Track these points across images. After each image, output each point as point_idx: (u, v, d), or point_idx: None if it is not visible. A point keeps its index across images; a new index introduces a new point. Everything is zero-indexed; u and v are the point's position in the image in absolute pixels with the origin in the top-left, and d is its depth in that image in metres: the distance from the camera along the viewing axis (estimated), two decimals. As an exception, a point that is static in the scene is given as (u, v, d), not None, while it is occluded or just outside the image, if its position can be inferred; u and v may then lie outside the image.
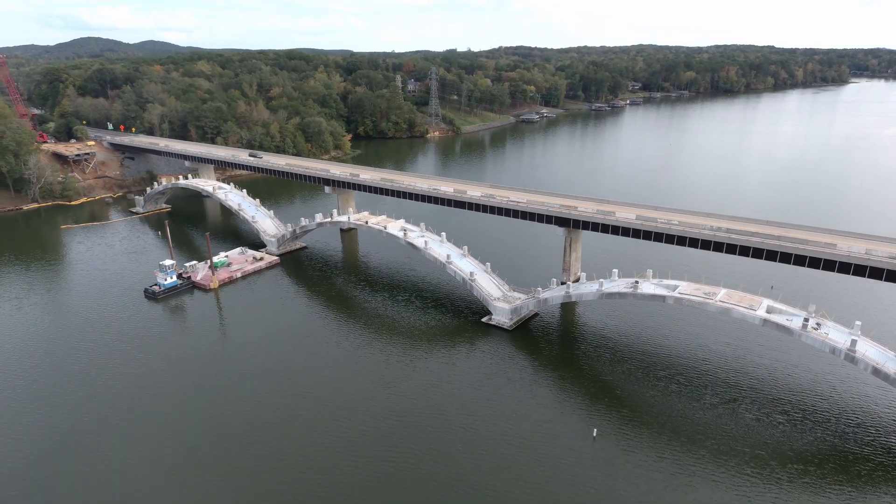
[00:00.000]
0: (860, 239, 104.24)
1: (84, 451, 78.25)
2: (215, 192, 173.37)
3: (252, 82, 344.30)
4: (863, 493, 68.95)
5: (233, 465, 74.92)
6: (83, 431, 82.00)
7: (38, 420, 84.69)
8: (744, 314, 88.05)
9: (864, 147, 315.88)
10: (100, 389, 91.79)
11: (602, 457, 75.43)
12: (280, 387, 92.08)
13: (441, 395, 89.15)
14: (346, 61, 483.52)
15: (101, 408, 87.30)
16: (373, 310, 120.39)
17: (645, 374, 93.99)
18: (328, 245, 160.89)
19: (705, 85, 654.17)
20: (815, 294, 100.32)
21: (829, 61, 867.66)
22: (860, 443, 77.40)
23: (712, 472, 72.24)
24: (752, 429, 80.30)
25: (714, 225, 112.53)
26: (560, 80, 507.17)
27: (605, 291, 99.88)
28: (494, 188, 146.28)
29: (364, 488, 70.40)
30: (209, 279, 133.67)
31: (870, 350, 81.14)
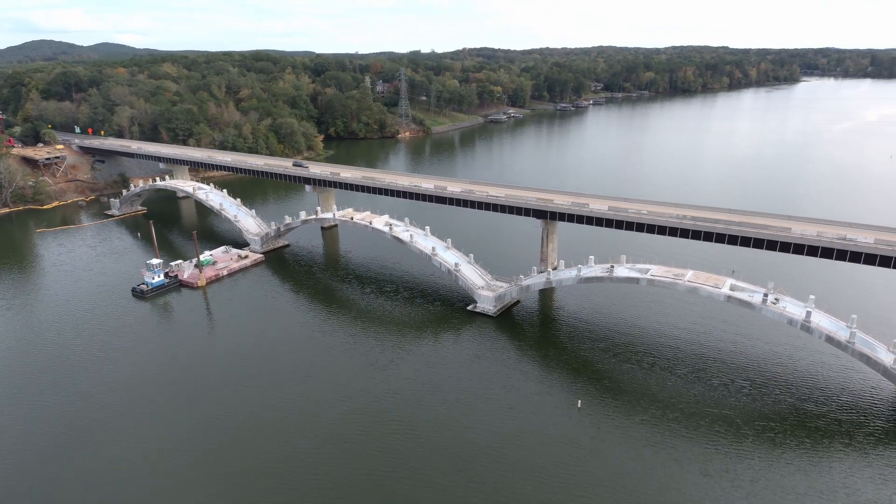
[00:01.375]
0: (812, 223, 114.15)
1: (81, 450, 79.12)
2: (195, 193, 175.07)
3: (221, 84, 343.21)
4: (818, 443, 77.49)
5: (240, 457, 78.25)
6: (80, 429, 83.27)
7: (39, 415, 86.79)
8: (710, 292, 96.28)
9: (816, 142, 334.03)
10: (96, 387, 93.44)
11: (587, 423, 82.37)
12: (278, 375, 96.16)
13: (434, 374, 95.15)
14: (313, 63, 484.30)
15: (101, 404, 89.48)
16: (361, 302, 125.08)
17: (622, 351, 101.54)
18: (310, 243, 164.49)
19: (664, 85, 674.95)
20: (773, 273, 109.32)
21: (782, 61, 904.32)
22: (815, 402, 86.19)
23: (686, 431, 79.93)
24: (720, 394, 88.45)
25: (680, 214, 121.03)
26: (525, 80, 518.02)
27: (583, 276, 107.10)
28: (473, 184, 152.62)
29: (368, 458, 75.45)
30: (196, 277, 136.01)
31: (823, 320, 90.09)
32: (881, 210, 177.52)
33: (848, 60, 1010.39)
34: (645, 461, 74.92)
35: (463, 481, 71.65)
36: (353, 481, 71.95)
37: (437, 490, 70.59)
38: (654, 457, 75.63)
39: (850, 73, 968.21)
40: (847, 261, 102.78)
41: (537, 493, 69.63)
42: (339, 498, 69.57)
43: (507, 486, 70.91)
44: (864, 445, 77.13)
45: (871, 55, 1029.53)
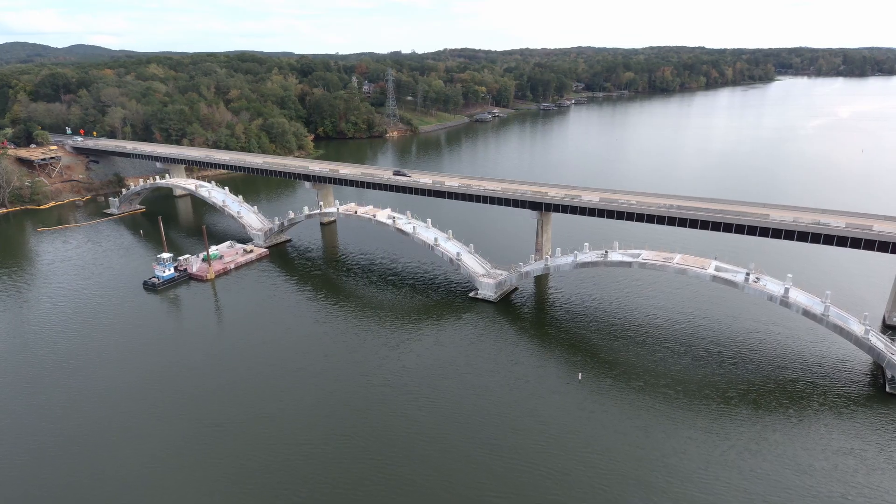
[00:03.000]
0: (788, 210, 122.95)
1: (101, 445, 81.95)
2: (197, 191, 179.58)
3: (210, 85, 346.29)
4: (796, 403, 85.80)
5: (276, 432, 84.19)
6: (105, 414, 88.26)
7: (56, 408, 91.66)
8: (697, 273, 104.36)
9: (791, 138, 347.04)
10: (118, 378, 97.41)
11: (588, 392, 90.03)
12: (296, 357, 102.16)
13: (444, 352, 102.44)
14: (299, 63, 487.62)
15: (125, 396, 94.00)
16: (367, 291, 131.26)
17: (616, 330, 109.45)
18: (311, 238, 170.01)
19: (643, 85, 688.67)
20: (753, 255, 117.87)
21: (756, 60, 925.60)
22: (794, 368, 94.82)
23: (678, 396, 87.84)
24: (707, 363, 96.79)
25: (667, 203, 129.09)
26: (509, 81, 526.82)
27: (579, 262, 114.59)
28: (469, 179, 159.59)
29: (389, 425, 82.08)
30: (205, 271, 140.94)
31: (800, 296, 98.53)
32: (852, 198, 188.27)
33: (821, 59, 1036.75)
34: (642, 421, 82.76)
35: (478, 444, 78.55)
36: (377, 444, 78.44)
37: (452, 450, 77.47)
38: (649, 418, 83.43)
39: (823, 72, 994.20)
40: (821, 243, 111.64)
41: (548, 455, 76.71)
42: (366, 457, 75.98)
43: (519, 447, 77.95)
44: (837, 405, 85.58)
45: (843, 54, 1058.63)
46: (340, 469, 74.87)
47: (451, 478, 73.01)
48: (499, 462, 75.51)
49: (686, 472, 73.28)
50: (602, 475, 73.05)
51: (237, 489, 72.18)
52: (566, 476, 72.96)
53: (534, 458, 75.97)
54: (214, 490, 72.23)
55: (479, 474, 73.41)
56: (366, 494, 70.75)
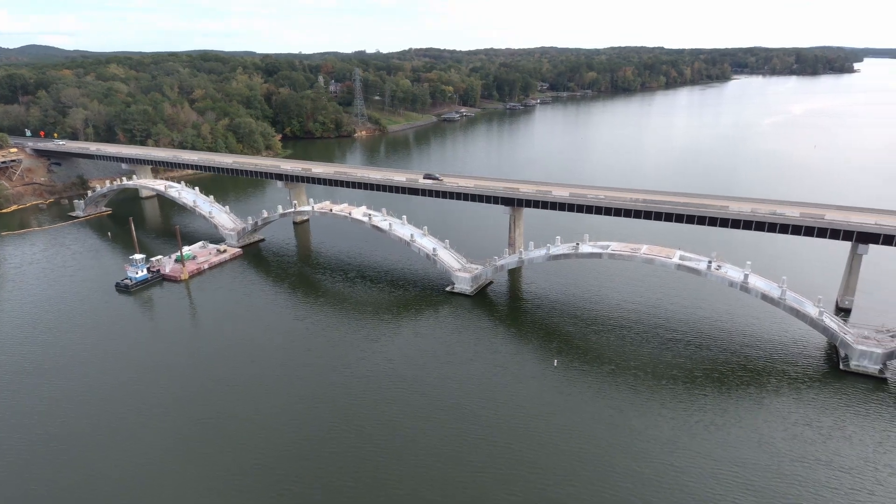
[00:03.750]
0: (746, 202, 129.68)
1: (89, 450, 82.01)
2: (167, 191, 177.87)
3: (173, 85, 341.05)
4: (757, 380, 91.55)
5: (259, 430, 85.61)
6: (86, 422, 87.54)
7: (29, 415, 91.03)
8: (663, 262, 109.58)
9: (748, 134, 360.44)
10: (93, 380, 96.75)
11: (564, 376, 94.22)
12: (278, 352, 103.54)
13: (424, 343, 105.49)
14: (264, 63, 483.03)
15: (101, 398, 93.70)
16: (344, 288, 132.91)
17: (588, 318, 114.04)
18: (284, 237, 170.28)
19: (606, 84, 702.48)
20: (714, 245, 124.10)
21: (714, 60, 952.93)
22: (754, 348, 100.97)
23: (648, 377, 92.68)
24: (675, 345, 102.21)
25: (633, 197, 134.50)
26: (475, 80, 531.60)
27: (552, 254, 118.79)
28: (443, 176, 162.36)
29: (379, 407, 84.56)
30: (179, 271, 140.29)
31: (758, 282, 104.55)
32: (806, 189, 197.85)
33: (775, 59, 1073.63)
34: (615, 401, 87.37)
35: (461, 428, 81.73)
36: (361, 433, 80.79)
37: (437, 434, 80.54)
38: (622, 398, 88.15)
39: (777, 71, 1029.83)
40: (777, 232, 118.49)
41: (528, 434, 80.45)
42: (352, 446, 78.23)
43: (501, 429, 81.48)
44: (795, 381, 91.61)
45: (796, 53, 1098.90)
46: (328, 458, 76.92)
47: (438, 459, 75.88)
48: (482, 443, 78.77)
49: (657, 445, 77.86)
50: (579, 451, 77.05)
51: (226, 484, 73.57)
52: (546, 453, 76.75)
53: (515, 438, 79.48)
54: (203, 486, 73.45)
55: (465, 455, 76.52)
56: (354, 482, 72.99)
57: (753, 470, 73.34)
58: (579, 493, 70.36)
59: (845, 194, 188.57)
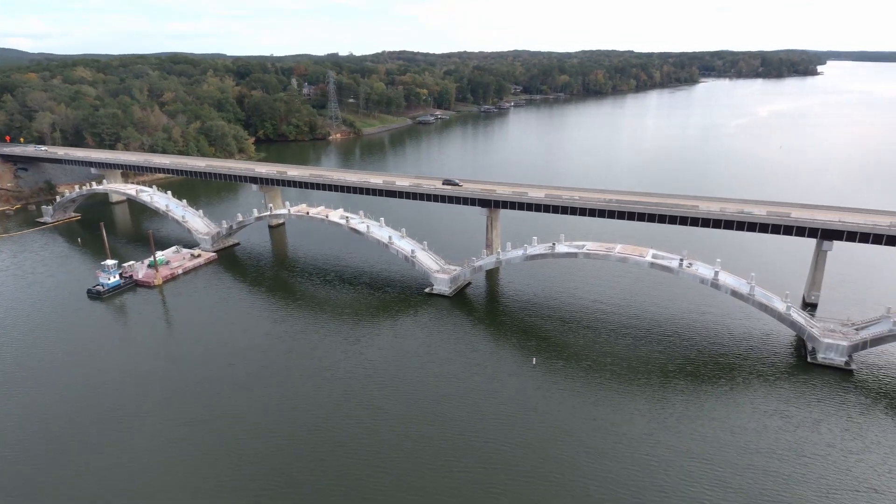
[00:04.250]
0: (715, 201, 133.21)
1: (81, 448, 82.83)
2: (138, 196, 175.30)
3: (142, 87, 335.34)
4: (728, 373, 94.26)
5: (240, 434, 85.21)
6: (62, 430, 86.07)
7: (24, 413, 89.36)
8: (637, 260, 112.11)
9: (716, 136, 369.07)
10: (65, 388, 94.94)
11: (543, 374, 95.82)
12: (257, 357, 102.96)
13: (404, 344, 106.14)
14: (235, 65, 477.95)
15: (79, 407, 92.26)
16: (322, 291, 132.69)
17: (565, 317, 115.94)
18: (259, 241, 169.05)
19: (578, 87, 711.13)
20: (685, 243, 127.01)
21: (682, 63, 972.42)
22: (725, 343, 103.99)
23: (624, 372, 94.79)
24: (649, 341, 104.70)
25: (607, 198, 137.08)
26: (450, 83, 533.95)
27: (529, 254, 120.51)
28: (420, 178, 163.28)
29: (358, 411, 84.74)
30: (152, 277, 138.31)
31: (728, 279, 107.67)
32: (772, 188, 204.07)
33: (741, 62, 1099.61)
34: (592, 396, 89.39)
35: (442, 426, 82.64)
36: (344, 434, 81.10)
37: (419, 433, 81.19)
38: (599, 393, 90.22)
39: (744, 74, 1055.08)
40: (745, 230, 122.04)
41: (509, 430, 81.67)
42: (334, 447, 78.50)
43: (481, 426, 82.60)
44: (764, 374, 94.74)
45: (762, 57, 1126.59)
46: (310, 460, 77.01)
47: (419, 457, 76.59)
48: (463, 440, 79.80)
49: (634, 438, 79.89)
50: (558, 445, 78.64)
51: (205, 486, 73.14)
52: (526, 448, 78.11)
53: (495, 434, 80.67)
54: (184, 488, 72.89)
55: (446, 452, 77.45)
56: (336, 483, 73.22)
57: (726, 459, 75.70)
58: (559, 487, 71.74)
59: (810, 193, 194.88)
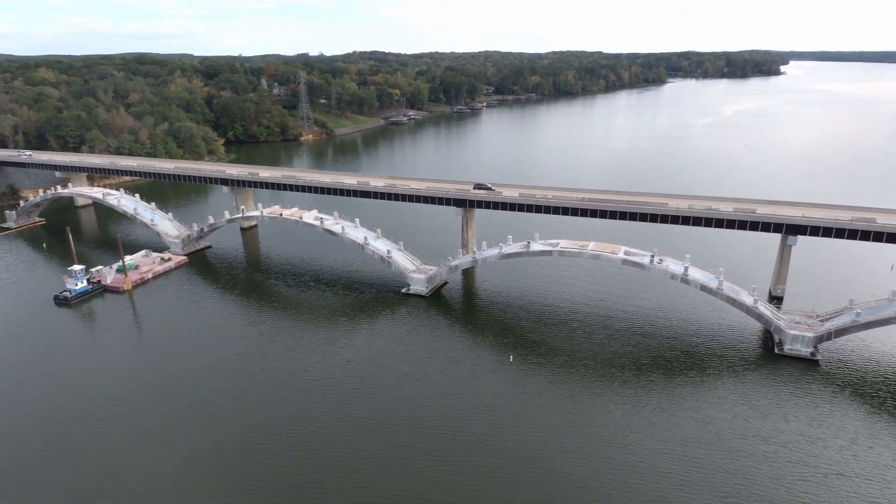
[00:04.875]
0: (684, 199, 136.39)
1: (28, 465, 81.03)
2: (105, 199, 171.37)
3: (107, 89, 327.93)
4: (699, 365, 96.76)
5: (217, 444, 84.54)
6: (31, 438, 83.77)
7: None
8: (609, 257, 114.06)
9: (683, 135, 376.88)
10: (32, 398, 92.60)
11: (520, 371, 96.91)
12: (232, 360, 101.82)
13: (382, 343, 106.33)
14: (203, 65, 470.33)
15: (48, 419, 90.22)
16: (298, 293, 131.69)
17: (540, 314, 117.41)
18: (231, 243, 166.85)
19: (549, 88, 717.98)
20: (656, 240, 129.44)
21: (650, 64, 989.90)
22: (696, 335, 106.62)
23: (599, 367, 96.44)
24: (622, 337, 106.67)
25: (579, 196, 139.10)
26: (422, 84, 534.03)
27: (504, 253, 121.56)
28: (395, 179, 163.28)
29: (338, 410, 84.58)
30: (121, 282, 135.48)
31: (697, 274, 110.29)
32: (738, 185, 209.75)
33: (707, 63, 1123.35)
34: (569, 390, 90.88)
35: (422, 422, 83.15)
36: (322, 435, 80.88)
37: (399, 430, 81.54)
38: (575, 387, 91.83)
39: (709, 74, 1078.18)
40: (713, 226, 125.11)
41: (488, 425, 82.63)
42: (312, 447, 78.20)
43: (460, 421, 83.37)
44: (733, 365, 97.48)
45: (727, 57, 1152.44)
46: (290, 461, 76.53)
47: (400, 455, 76.78)
48: (443, 436, 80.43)
49: (610, 429, 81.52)
50: (537, 439, 79.72)
51: (182, 491, 72.14)
52: (505, 442, 79.08)
53: (474, 429, 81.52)
54: (159, 493, 71.75)
55: (425, 449, 77.89)
56: (317, 484, 72.95)
57: (698, 447, 77.79)
58: (539, 478, 72.75)
59: (774, 189, 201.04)
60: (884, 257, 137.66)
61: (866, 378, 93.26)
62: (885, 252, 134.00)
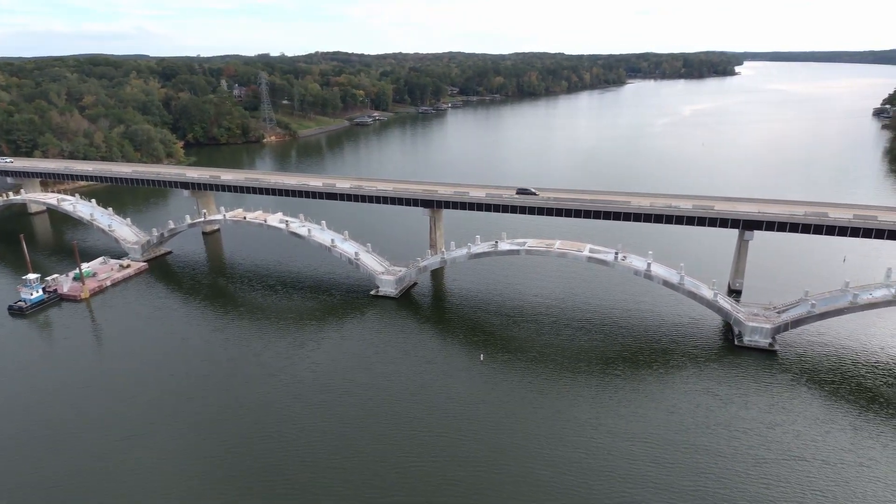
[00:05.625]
0: (645, 197, 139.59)
1: None
2: (60, 205, 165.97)
3: (60, 91, 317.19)
4: (663, 357, 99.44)
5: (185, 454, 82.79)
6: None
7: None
8: (575, 255, 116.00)
9: (643, 134, 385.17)
10: (2, 407, 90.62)
11: (491, 369, 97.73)
12: (198, 367, 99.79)
13: (352, 345, 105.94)
14: (160, 66, 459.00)
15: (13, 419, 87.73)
16: (265, 296, 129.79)
17: (509, 312, 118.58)
18: (193, 248, 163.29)
19: (513, 89, 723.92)
20: (619, 237, 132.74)
21: (610, 65, 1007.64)
22: (659, 329, 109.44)
23: (567, 362, 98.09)
24: (589, 332, 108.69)
25: (545, 196, 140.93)
26: (386, 84, 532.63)
27: (473, 253, 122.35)
28: (362, 180, 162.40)
29: (305, 423, 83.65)
30: (79, 290, 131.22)
31: (660, 270, 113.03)
32: (697, 183, 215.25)
33: (665, 64, 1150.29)
34: (538, 386, 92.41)
35: (395, 422, 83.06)
36: (292, 439, 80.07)
37: (371, 431, 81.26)
38: (544, 382, 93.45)
39: (667, 75, 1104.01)
40: (673, 223, 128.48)
41: (461, 421, 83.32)
42: (291, 450, 77.26)
43: (433, 420, 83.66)
44: (696, 356, 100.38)
45: (684, 58, 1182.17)
46: (261, 467, 75.44)
47: (371, 454, 76.65)
48: (415, 436, 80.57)
49: (579, 423, 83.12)
50: (508, 434, 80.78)
51: (150, 499, 70.38)
52: (477, 438, 79.80)
53: (447, 428, 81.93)
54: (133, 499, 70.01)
55: (399, 448, 77.92)
56: (289, 488, 72.11)
57: (664, 437, 79.95)
58: (510, 473, 73.55)
59: (731, 186, 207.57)
60: (836, 250, 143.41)
61: (822, 366, 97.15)
62: (838, 245, 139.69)
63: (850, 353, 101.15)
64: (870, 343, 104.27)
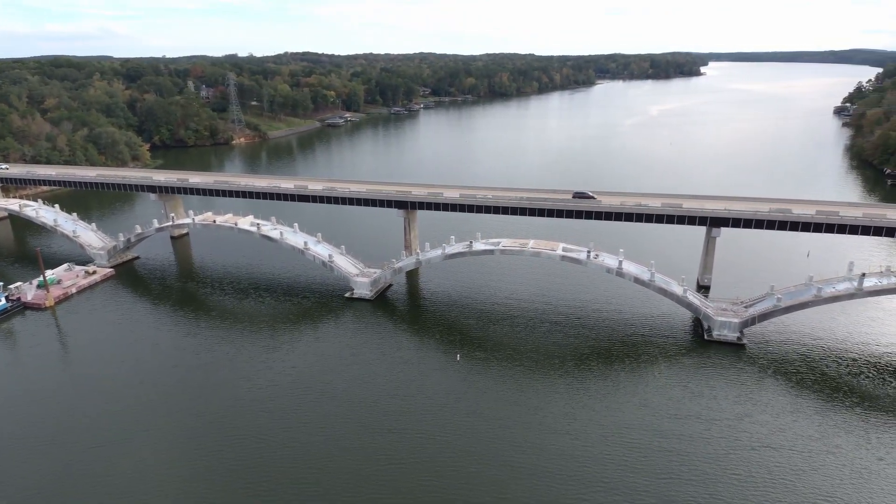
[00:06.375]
0: (615, 195, 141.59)
1: None
2: (22, 211, 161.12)
3: (21, 94, 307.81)
4: (635, 351, 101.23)
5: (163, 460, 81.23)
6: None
7: None
8: (548, 254, 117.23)
9: (613, 134, 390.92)
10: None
11: (467, 368, 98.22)
12: (170, 372, 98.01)
13: (328, 348, 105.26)
14: (124, 67, 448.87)
15: None
16: (237, 300, 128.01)
17: (484, 312, 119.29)
18: (161, 253, 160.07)
19: (484, 90, 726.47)
20: (591, 236, 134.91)
21: (579, 66, 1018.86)
22: (631, 325, 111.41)
23: (542, 359, 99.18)
24: (563, 329, 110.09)
25: (518, 196, 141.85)
26: (358, 85, 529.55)
27: (448, 253, 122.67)
28: (334, 181, 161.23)
29: (286, 416, 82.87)
30: (43, 298, 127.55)
31: (631, 267, 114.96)
32: (665, 182, 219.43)
33: (633, 64, 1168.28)
34: (515, 383, 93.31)
35: (372, 423, 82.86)
36: (268, 443, 79.11)
37: (348, 432, 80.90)
38: (521, 379, 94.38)
39: (635, 76, 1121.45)
40: (643, 221, 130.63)
41: (438, 419, 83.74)
42: (268, 454, 76.38)
43: (410, 419, 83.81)
44: (667, 351, 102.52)
45: (651, 59, 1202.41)
46: (238, 473, 74.44)
47: (350, 454, 76.34)
48: (394, 436, 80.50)
49: (555, 418, 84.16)
50: (485, 431, 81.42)
51: None
52: (454, 436, 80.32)
53: (425, 428, 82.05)
54: (96, 517, 68.34)
55: (376, 448, 77.74)
56: (268, 493, 71.31)
57: (637, 429, 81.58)
58: (488, 469, 74.09)
59: (699, 185, 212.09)
60: (800, 245, 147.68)
61: (788, 358, 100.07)
62: (802, 240, 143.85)
63: (814, 344, 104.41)
64: (833, 335, 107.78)
